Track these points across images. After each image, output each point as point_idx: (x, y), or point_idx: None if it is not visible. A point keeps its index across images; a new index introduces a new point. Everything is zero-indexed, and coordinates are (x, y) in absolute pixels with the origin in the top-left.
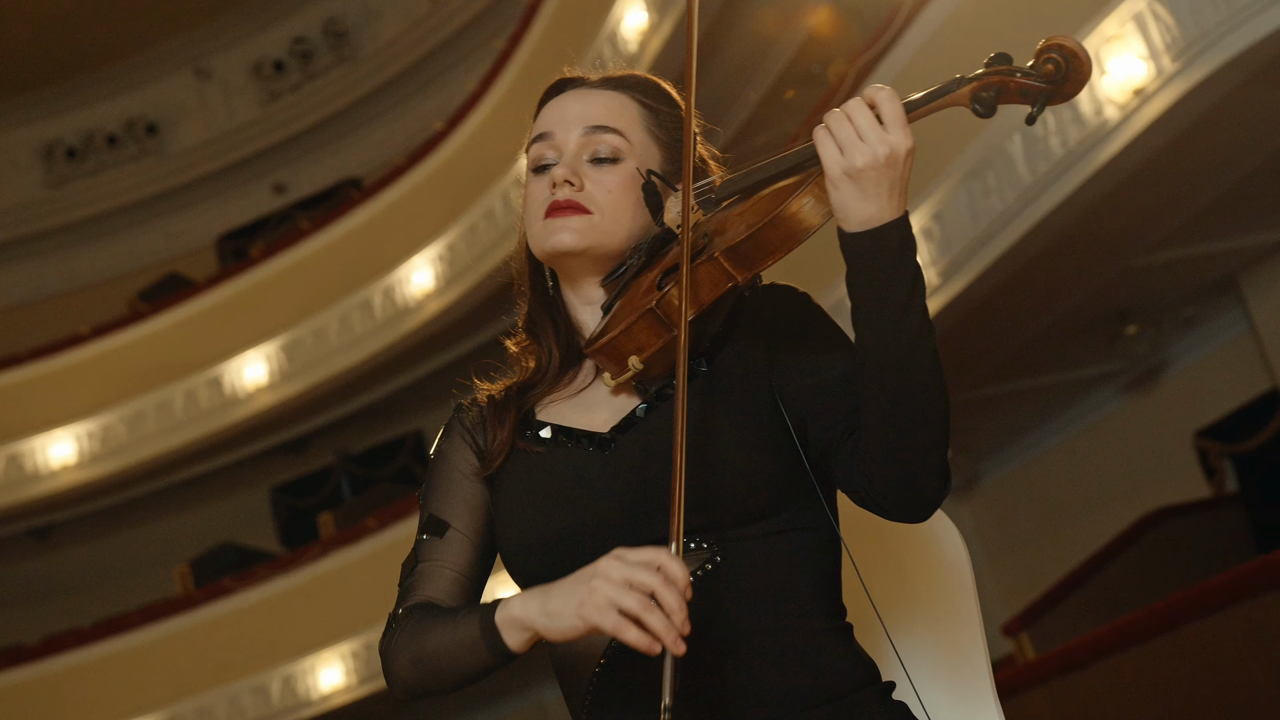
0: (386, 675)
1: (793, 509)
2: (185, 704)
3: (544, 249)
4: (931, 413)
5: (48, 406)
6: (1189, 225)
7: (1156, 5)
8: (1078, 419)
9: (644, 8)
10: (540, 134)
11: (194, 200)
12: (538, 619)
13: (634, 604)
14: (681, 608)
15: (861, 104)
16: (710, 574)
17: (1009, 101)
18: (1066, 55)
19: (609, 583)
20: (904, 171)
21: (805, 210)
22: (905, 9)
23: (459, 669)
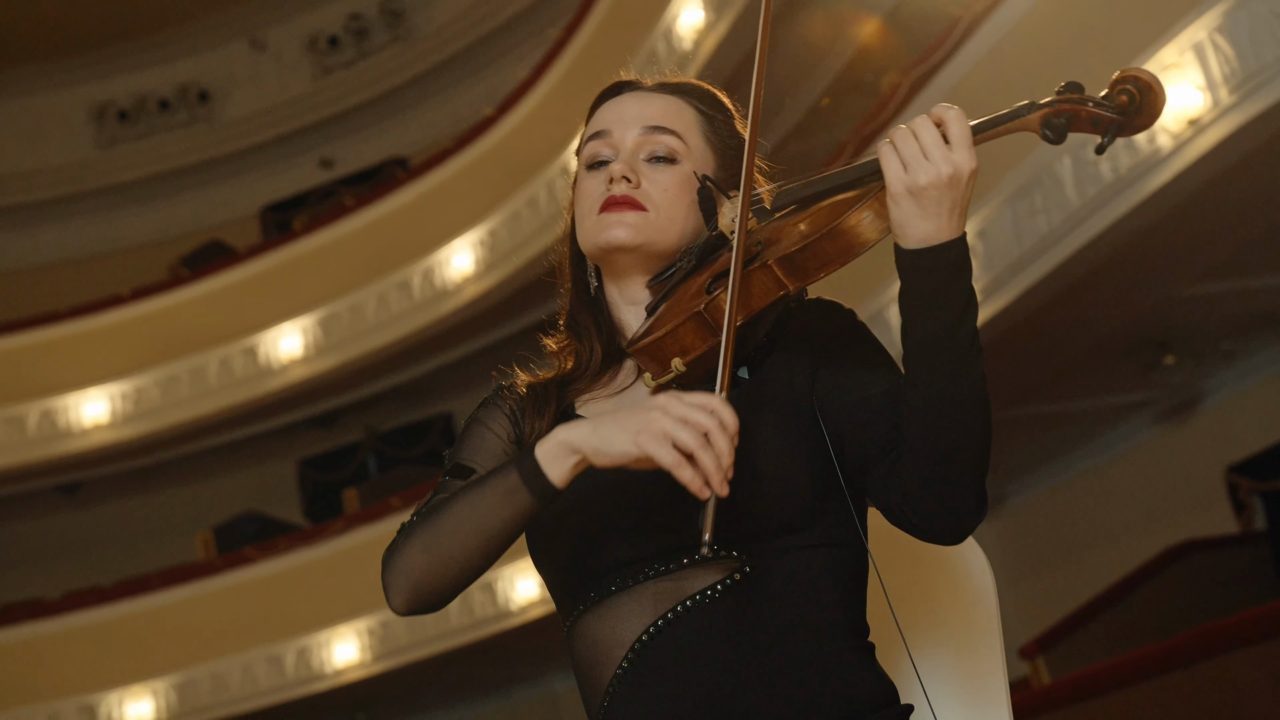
0: (387, 580)
1: (825, 524)
2: (199, 669)
3: (597, 243)
4: (974, 436)
5: (84, 365)
6: (1234, 259)
7: (1217, 36)
8: (1109, 446)
9: (701, 6)
10: (597, 131)
11: (241, 170)
12: (588, 441)
13: (689, 439)
14: (730, 451)
15: (928, 122)
16: (738, 583)
17: (1079, 130)
18: (1141, 88)
19: (667, 416)
20: (966, 192)
21: (864, 224)
22: (963, 24)
23: (485, 531)
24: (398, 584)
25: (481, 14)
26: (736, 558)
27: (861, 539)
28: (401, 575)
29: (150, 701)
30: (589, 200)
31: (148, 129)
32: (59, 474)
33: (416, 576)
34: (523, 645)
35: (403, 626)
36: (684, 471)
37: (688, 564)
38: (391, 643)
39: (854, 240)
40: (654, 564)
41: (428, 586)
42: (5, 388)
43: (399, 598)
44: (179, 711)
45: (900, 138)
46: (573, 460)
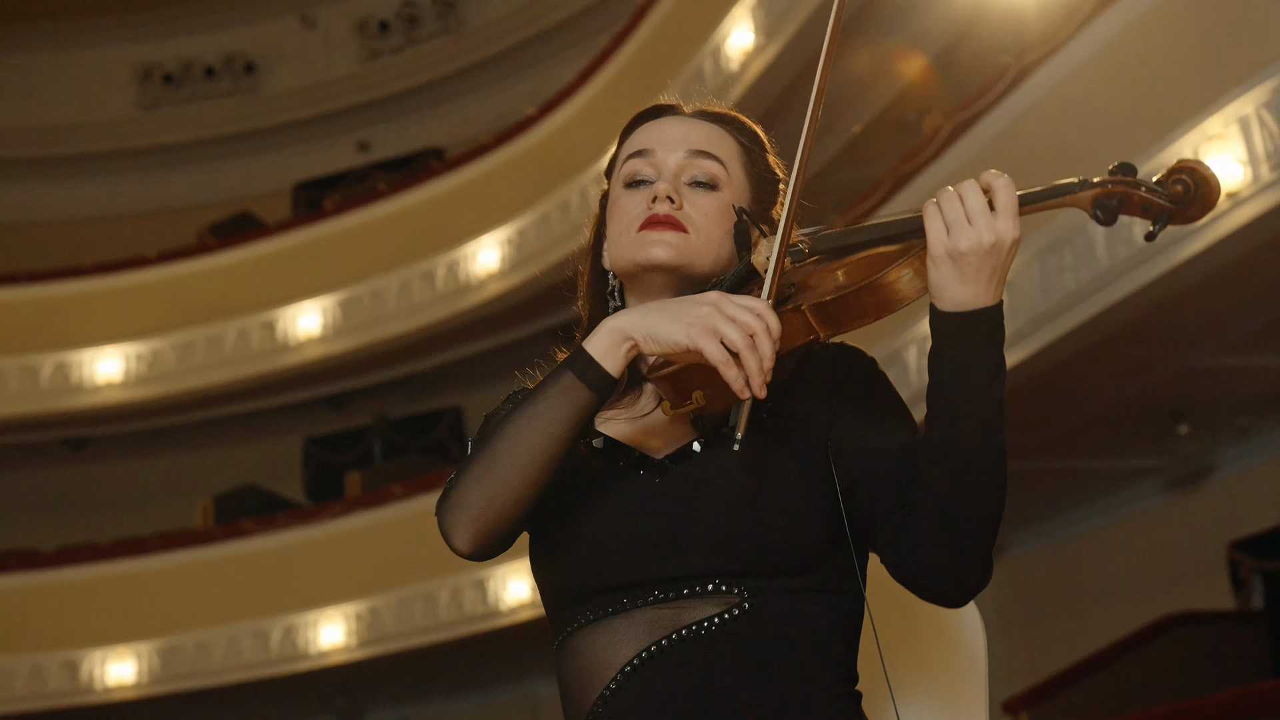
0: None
1: (828, 569)
2: (184, 636)
3: (636, 260)
4: (988, 503)
5: (102, 323)
6: (1258, 335)
7: (1265, 112)
8: (1114, 508)
9: (751, 29)
10: (639, 150)
11: (278, 144)
12: (639, 328)
13: (737, 338)
14: (772, 355)
15: (975, 186)
16: (736, 618)
17: (1130, 213)
18: (1198, 180)
19: (718, 312)
20: (1006, 260)
21: (903, 281)
22: (1011, 73)
23: (546, 434)
24: (460, 520)
25: (534, 13)
26: (736, 594)
27: (860, 588)
28: (462, 509)
29: (133, 664)
30: (628, 217)
31: (191, 94)
32: (67, 428)
33: (481, 506)
34: (508, 646)
35: (391, 614)
36: (730, 370)
37: (687, 594)
38: (378, 630)
39: (891, 296)
40: (654, 590)
41: (493, 514)
42: (22, 337)
43: (464, 534)
44: (160, 676)
45: (946, 200)
46: (625, 346)
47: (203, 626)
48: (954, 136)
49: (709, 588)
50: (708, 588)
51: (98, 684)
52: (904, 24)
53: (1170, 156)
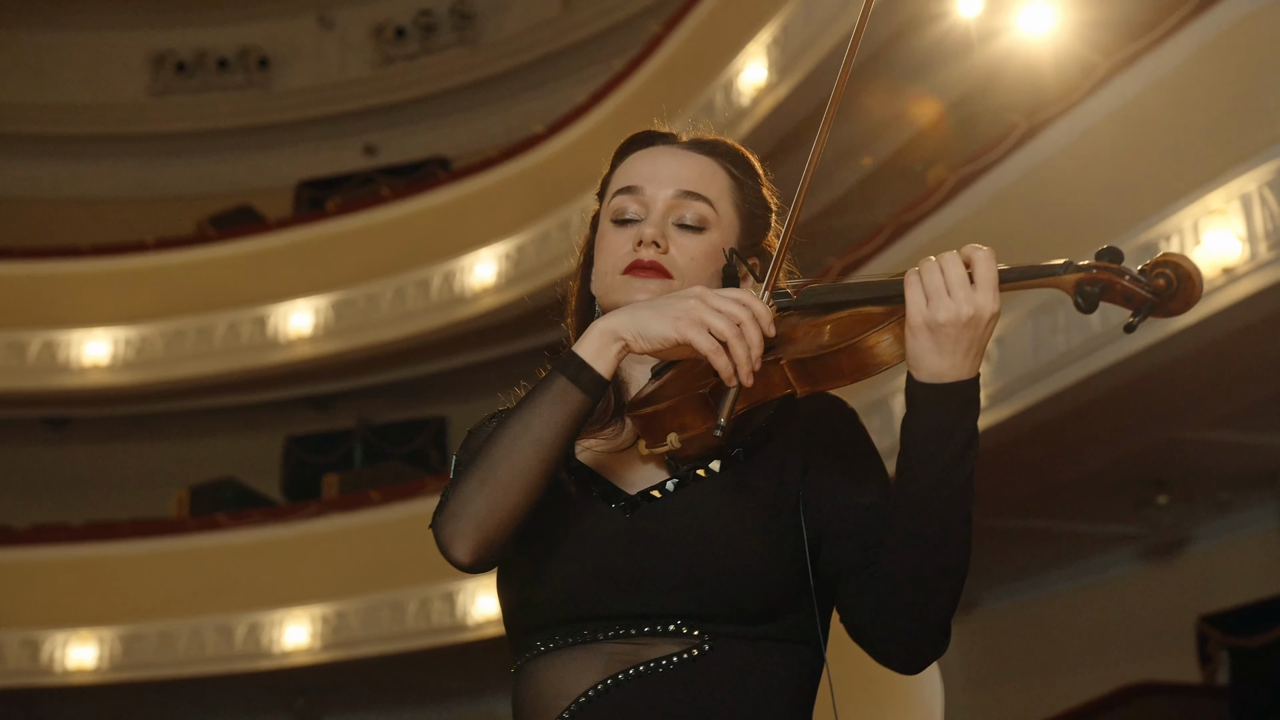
0: (446, 533)
1: (790, 620)
2: (149, 625)
3: (619, 304)
4: (950, 572)
5: (94, 304)
6: (1245, 412)
7: (1267, 191)
8: (1087, 573)
9: (765, 65)
10: (629, 186)
11: (285, 141)
12: (628, 327)
13: (725, 328)
14: (760, 344)
15: (957, 259)
16: (694, 660)
17: (1111, 301)
18: (1181, 275)
19: (704, 304)
20: (984, 334)
21: (882, 346)
22: (1018, 132)
23: (542, 441)
24: (461, 530)
25: (550, 32)
26: (697, 636)
27: (821, 641)
28: (462, 520)
29: (95, 648)
30: (614, 256)
31: (202, 85)
32: (50, 407)
33: (481, 514)
34: (472, 662)
35: (358, 620)
36: (720, 358)
37: (648, 632)
38: (344, 634)
39: (870, 360)
40: (615, 625)
41: (493, 522)
42: (12, 313)
43: (465, 544)
44: (121, 663)
45: (927, 270)
46: (616, 347)
47: (168, 616)
48: (957, 190)
49: (670, 627)
50: (669, 627)
51: (57, 665)
52: (923, 72)
53: (1170, 228)
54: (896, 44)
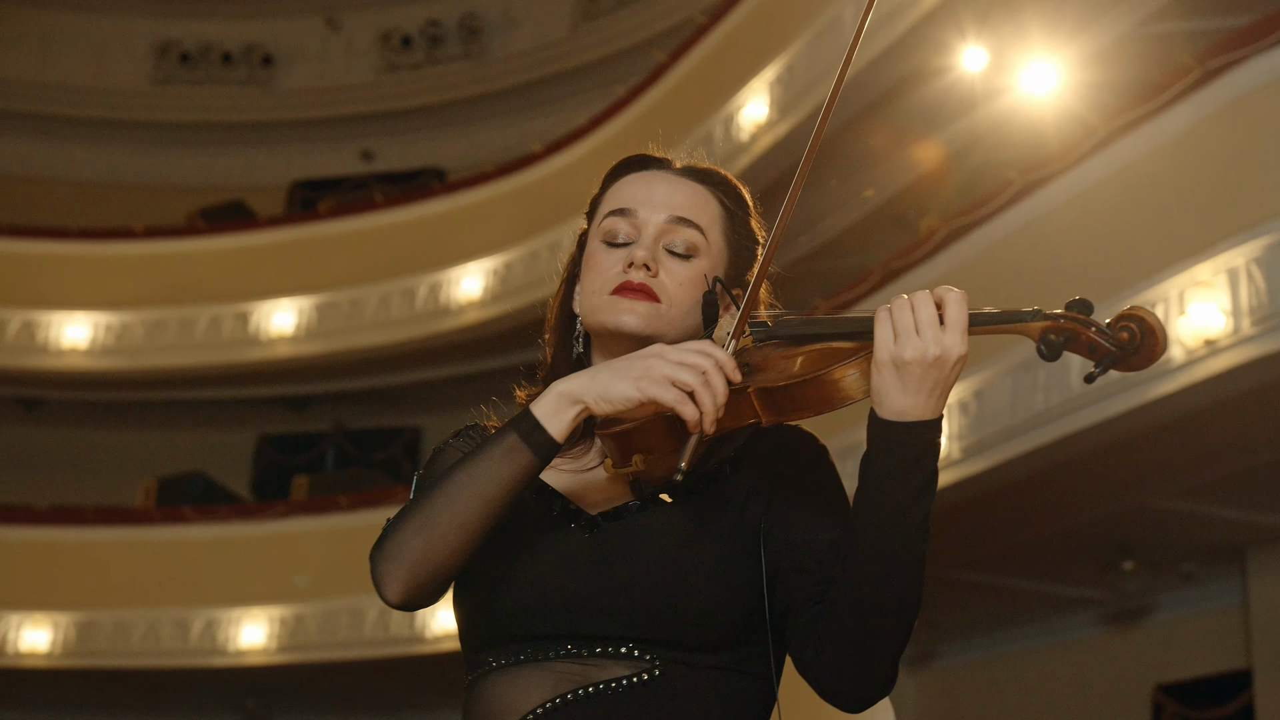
0: (379, 571)
1: (743, 652)
2: (105, 613)
3: (605, 324)
4: (901, 613)
5: (77, 288)
6: (1216, 485)
7: (1254, 266)
8: (1048, 633)
9: (767, 103)
10: (621, 209)
11: (282, 140)
12: (589, 391)
13: (690, 378)
14: (725, 392)
15: (929, 298)
16: (644, 684)
17: (1075, 351)
18: (1144, 330)
19: (666, 361)
20: (950, 375)
21: (848, 381)
22: (1013, 189)
23: (485, 495)
24: (392, 571)
25: (556, 53)
26: (648, 660)
27: (773, 675)
28: (395, 561)
29: (49, 633)
30: (603, 277)
31: (204, 77)
32: (24, 386)
33: (414, 558)
34: (427, 675)
35: (315, 624)
36: (686, 408)
37: (599, 653)
38: (301, 637)
39: (835, 394)
40: (566, 645)
41: (426, 567)
42: None
43: (395, 585)
44: (75, 650)
45: (898, 308)
46: (574, 410)
47: (125, 606)
48: (948, 241)
49: (621, 650)
50: (620, 650)
51: (9, 648)
52: (925, 122)
53: (1157, 296)
54: (899, 93)
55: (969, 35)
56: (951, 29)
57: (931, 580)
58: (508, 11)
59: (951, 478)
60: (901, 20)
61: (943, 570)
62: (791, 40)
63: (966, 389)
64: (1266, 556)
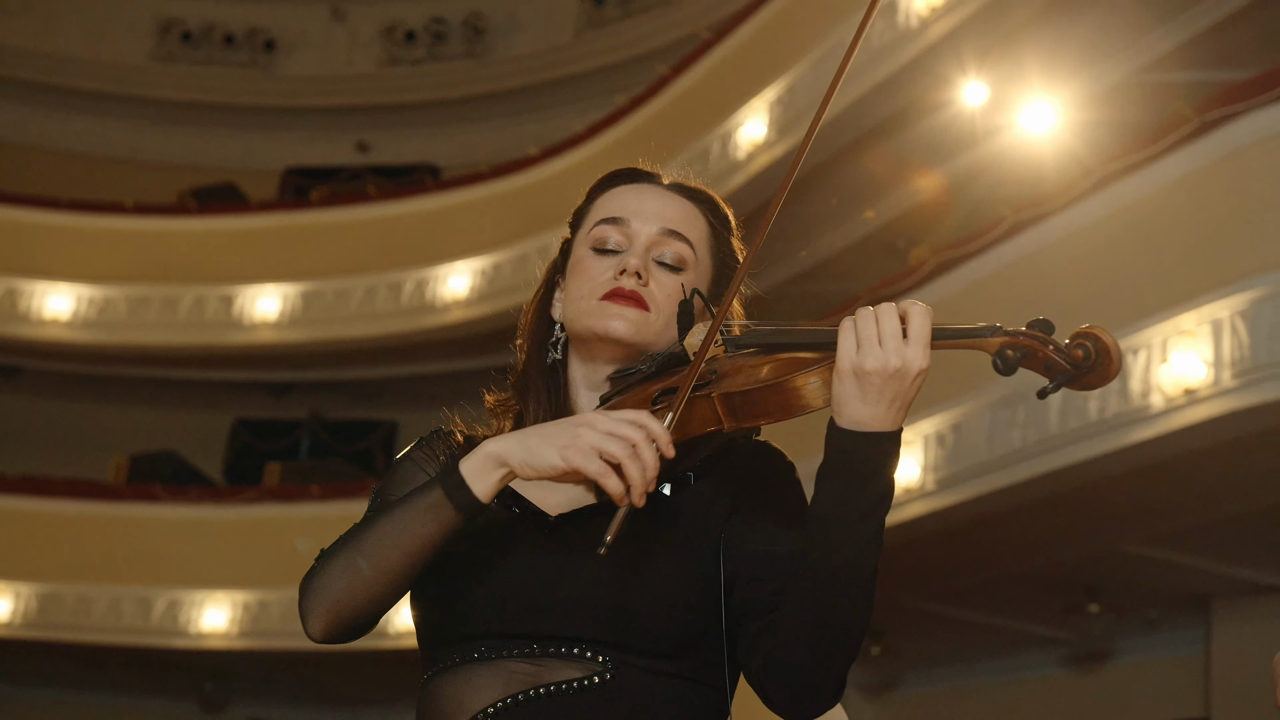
0: (304, 605)
1: (698, 661)
2: (69, 587)
3: (594, 329)
4: (850, 627)
5: (63, 259)
6: (1185, 534)
7: (1239, 320)
8: (1010, 670)
9: (766, 123)
10: (612, 217)
11: (279, 126)
12: (515, 454)
13: (617, 451)
14: (655, 464)
15: (893, 311)
16: (593, 687)
17: (1031, 368)
18: (1099, 349)
19: (594, 430)
20: (910, 389)
21: (809, 389)
22: (1004, 226)
23: (407, 547)
24: (315, 608)
25: (559, 58)
26: (600, 663)
27: (728, 686)
28: (319, 598)
29: (9, 603)
30: (593, 283)
31: (206, 58)
32: (2, 354)
33: (336, 598)
34: (386, 671)
35: (279, 611)
36: (609, 480)
37: (551, 654)
38: (263, 624)
39: (795, 400)
40: (521, 645)
41: (348, 608)
42: None
43: (318, 622)
44: (36, 621)
45: (862, 318)
46: (500, 473)
47: (89, 581)
48: (936, 272)
49: (573, 651)
50: (572, 651)
51: None
52: (923, 154)
53: (1140, 342)
54: (901, 122)
55: (970, 71)
56: (953, 64)
57: (897, 609)
58: (513, 14)
59: (924, 509)
60: (904, 51)
61: (909, 600)
62: (794, 62)
63: (945, 421)
64: (1231, 608)
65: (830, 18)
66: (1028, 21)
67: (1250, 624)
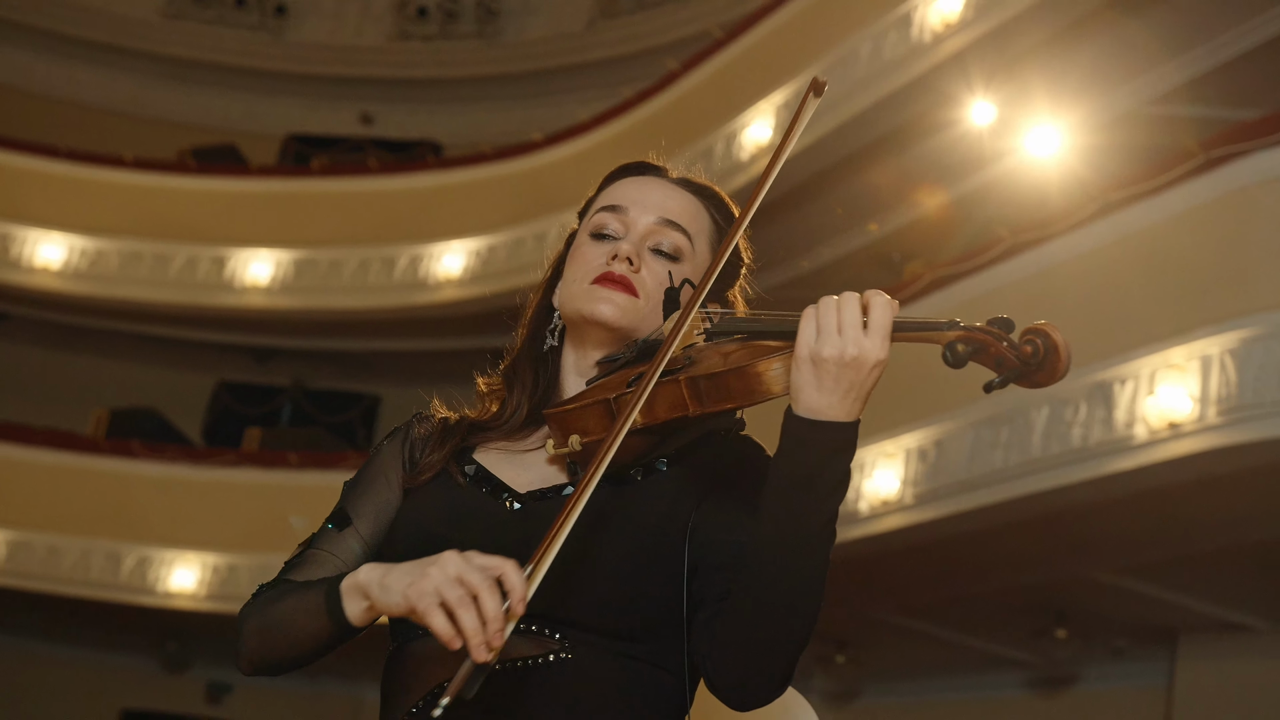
0: (236, 643)
1: (657, 644)
2: (40, 536)
3: (581, 311)
4: (799, 614)
5: (58, 208)
6: (1157, 566)
7: (1228, 358)
8: (974, 688)
9: (771, 126)
10: (614, 205)
11: (284, 91)
12: (374, 588)
13: (454, 598)
14: (499, 618)
15: (855, 301)
16: (551, 665)
17: (982, 363)
18: (1049, 346)
19: (442, 572)
20: (867, 379)
21: (771, 374)
22: (1001, 248)
23: (299, 638)
24: (242, 651)
25: (570, 46)
26: (557, 641)
27: (685, 674)
28: (243, 644)
29: None
30: (586, 267)
31: (216, 18)
32: None
33: (253, 653)
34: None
35: (247, 576)
36: (435, 619)
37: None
38: (231, 588)
39: (757, 386)
40: None
41: (264, 662)
42: None
43: (244, 664)
44: (4, 569)
45: (824, 305)
46: (364, 604)
47: (60, 532)
48: (930, 288)
49: (532, 628)
50: (531, 628)
51: None
52: (926, 170)
53: (1128, 372)
54: (905, 139)
55: (978, 91)
56: (961, 83)
57: (865, 620)
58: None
59: (901, 522)
60: (915, 65)
61: (878, 612)
62: (804, 67)
63: (928, 437)
64: (1198, 644)
65: (843, 27)
66: (1040, 45)
67: (1216, 661)
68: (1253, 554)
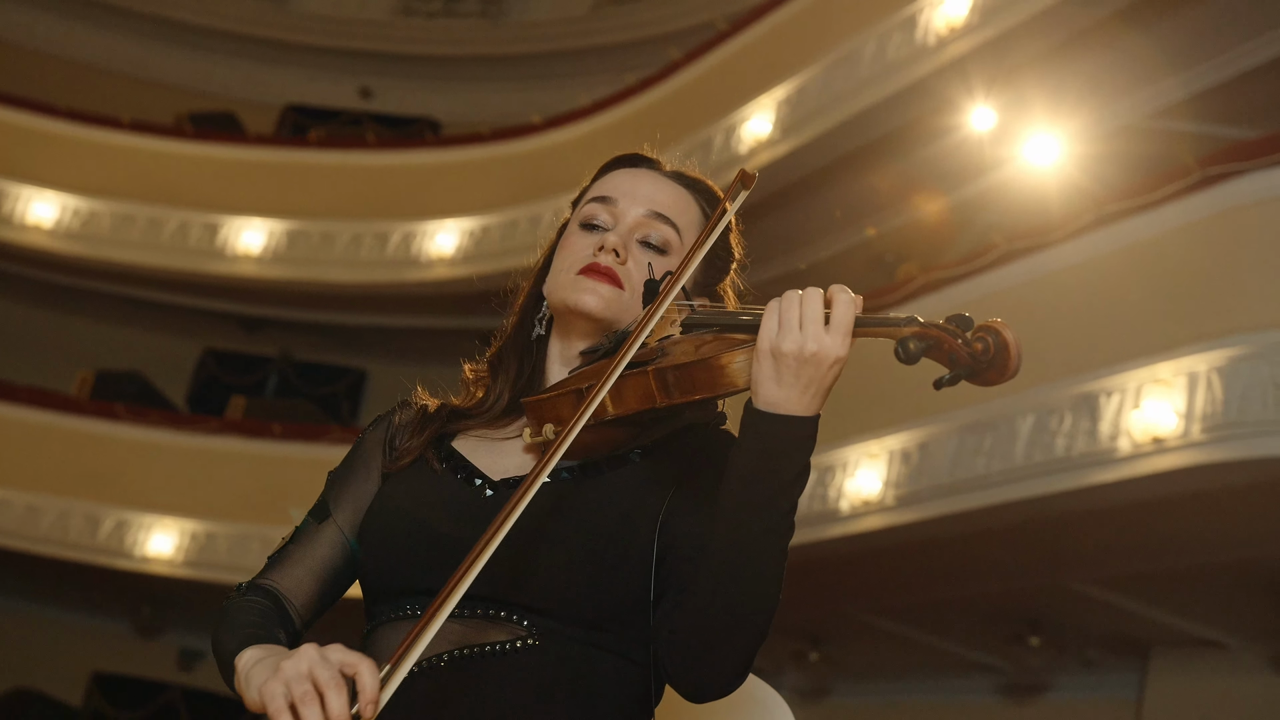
0: None
1: (625, 633)
2: (18, 494)
3: (566, 301)
4: (756, 608)
5: (53, 166)
6: (1134, 580)
7: (1214, 375)
8: (943, 691)
9: (771, 121)
10: (604, 196)
11: (285, 61)
12: (240, 678)
13: (299, 693)
14: (344, 713)
15: (818, 296)
16: (519, 651)
17: (934, 359)
18: (999, 344)
19: (294, 668)
20: (826, 375)
21: (734, 367)
22: (994, 254)
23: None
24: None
25: (573, 29)
26: (525, 628)
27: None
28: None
29: None
30: (573, 257)
31: None
32: None
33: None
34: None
35: (225, 545)
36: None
37: (480, 615)
38: (209, 555)
39: (721, 378)
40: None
41: None
42: None
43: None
44: None
45: (787, 300)
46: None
47: (39, 491)
48: (921, 291)
49: (501, 614)
50: (500, 614)
51: None
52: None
53: (1114, 385)
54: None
55: (978, 97)
56: (961, 88)
57: (840, 619)
58: None
59: (880, 523)
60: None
61: (853, 611)
62: (807, 64)
63: (911, 439)
64: (1170, 658)
65: (848, 25)
66: (1044, 53)
67: (1187, 676)
68: (1229, 572)
